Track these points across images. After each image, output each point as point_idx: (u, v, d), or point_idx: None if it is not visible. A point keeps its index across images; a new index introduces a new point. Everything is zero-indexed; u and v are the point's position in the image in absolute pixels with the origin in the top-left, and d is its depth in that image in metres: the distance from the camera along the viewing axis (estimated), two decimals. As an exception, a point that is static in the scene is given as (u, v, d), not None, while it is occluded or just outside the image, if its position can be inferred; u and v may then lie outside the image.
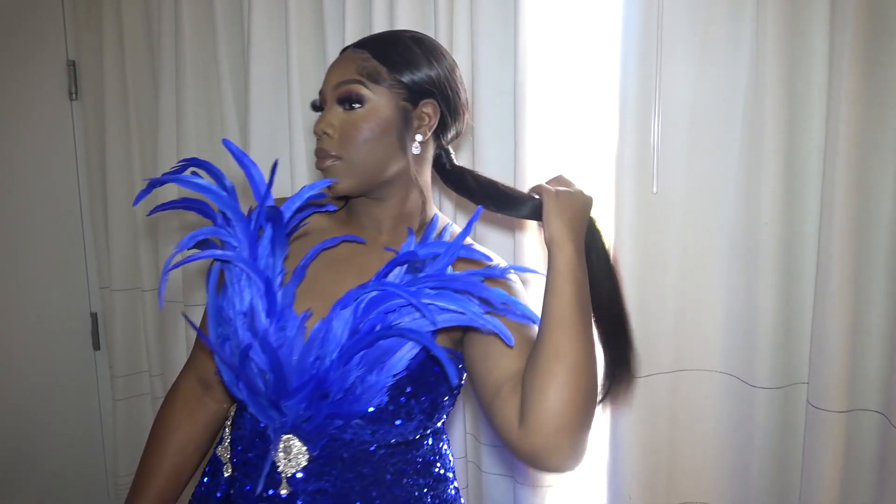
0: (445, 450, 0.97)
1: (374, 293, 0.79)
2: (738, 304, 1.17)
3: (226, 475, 0.92)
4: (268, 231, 0.85)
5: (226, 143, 0.86)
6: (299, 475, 0.85)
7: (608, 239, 0.92)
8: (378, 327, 0.78)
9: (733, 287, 1.18)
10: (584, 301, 0.82)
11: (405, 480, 0.89)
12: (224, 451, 0.94)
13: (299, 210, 0.87)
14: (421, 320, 0.78)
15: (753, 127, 1.12)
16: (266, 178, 0.87)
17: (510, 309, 0.79)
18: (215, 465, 0.96)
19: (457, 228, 0.96)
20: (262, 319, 0.82)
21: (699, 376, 1.22)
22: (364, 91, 0.85)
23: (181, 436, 0.98)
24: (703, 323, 1.21)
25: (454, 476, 0.97)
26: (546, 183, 0.92)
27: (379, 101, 0.86)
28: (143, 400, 1.88)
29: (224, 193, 0.85)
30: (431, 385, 0.84)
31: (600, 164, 1.23)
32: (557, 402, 0.76)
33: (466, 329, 0.83)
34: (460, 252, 0.82)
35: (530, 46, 1.20)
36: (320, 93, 0.88)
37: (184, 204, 0.86)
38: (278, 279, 0.84)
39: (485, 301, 0.78)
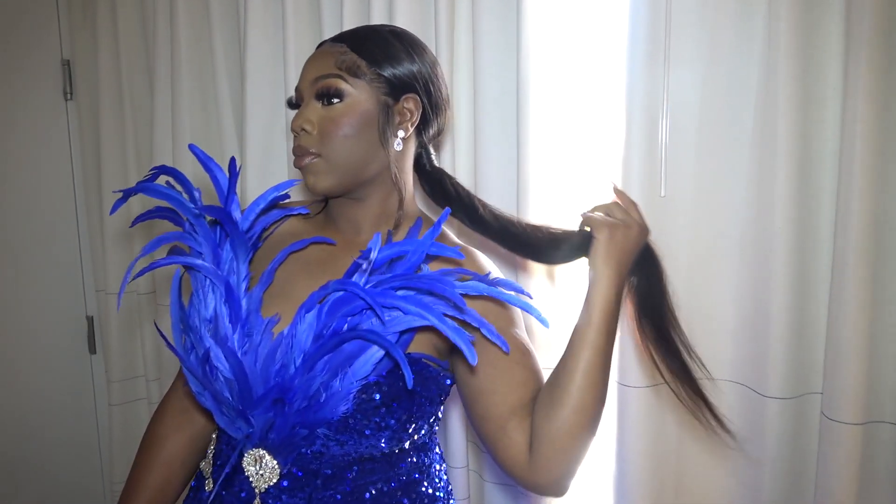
0: (435, 468, 0.92)
1: (337, 294, 0.76)
2: (748, 311, 1.13)
3: (207, 490, 0.89)
4: (229, 235, 0.84)
5: (192, 147, 0.85)
6: (272, 491, 0.81)
7: (663, 266, 0.89)
8: (342, 330, 0.75)
9: (744, 293, 1.14)
10: (612, 348, 0.82)
11: (386, 501, 0.84)
12: (207, 466, 0.91)
13: (264, 212, 0.86)
14: (390, 321, 0.75)
15: (765, 128, 1.07)
16: (228, 179, 0.86)
17: (486, 325, 0.74)
18: (199, 479, 0.93)
19: (448, 232, 0.93)
20: (226, 325, 0.79)
21: (706, 385, 1.18)
22: (343, 85, 0.82)
23: (168, 450, 0.96)
24: (713, 331, 1.17)
25: (448, 496, 0.93)
26: (599, 210, 0.85)
27: (359, 95, 0.83)
28: (139, 405, 1.85)
29: (186, 200, 0.84)
30: (406, 394, 0.80)
31: (606, 167, 1.19)
32: (571, 451, 0.79)
33: (457, 350, 0.77)
34: (441, 252, 0.77)
35: (534, 45, 1.16)
36: (297, 89, 0.86)
37: (158, 213, 0.86)
38: (243, 284, 0.82)
39: (457, 307, 0.74)
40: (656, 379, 1.16)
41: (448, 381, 0.86)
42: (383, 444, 0.83)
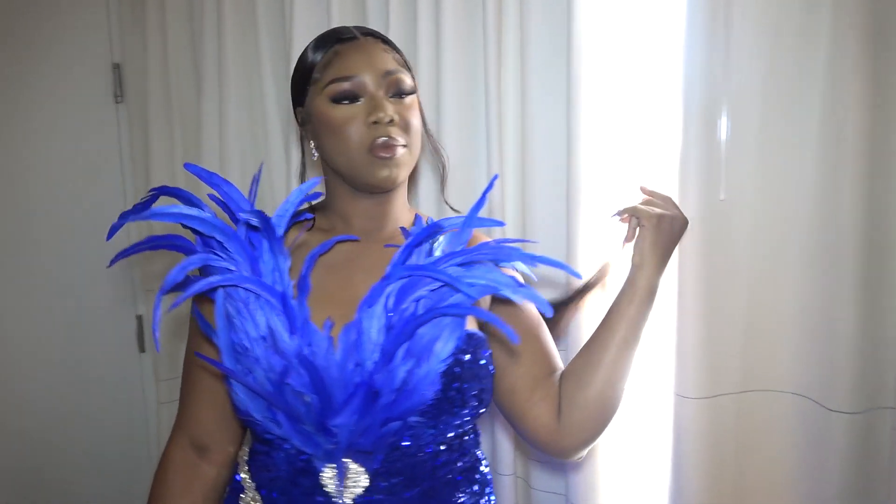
0: (481, 453, 0.94)
1: (401, 282, 0.77)
2: (814, 320, 1.07)
3: None
4: (264, 244, 0.80)
5: (188, 166, 0.81)
6: (358, 501, 0.78)
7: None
8: (414, 316, 0.76)
9: (810, 301, 1.07)
10: (643, 329, 0.91)
11: (458, 492, 0.86)
12: (254, 500, 0.85)
13: (294, 216, 0.84)
14: (455, 297, 0.76)
15: (833, 125, 1.01)
16: (245, 191, 0.84)
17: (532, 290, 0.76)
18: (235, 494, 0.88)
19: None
20: (286, 339, 0.76)
21: (769, 398, 1.12)
22: (411, 81, 0.87)
23: None
24: (775, 340, 1.11)
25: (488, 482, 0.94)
26: (642, 203, 0.93)
27: (416, 91, 0.88)
28: (186, 403, 1.88)
29: (209, 217, 0.79)
30: (475, 371, 0.83)
31: (662, 168, 1.13)
32: (600, 418, 0.90)
33: (487, 325, 0.82)
34: (483, 224, 0.84)
35: (585, 40, 1.11)
36: (354, 81, 0.83)
37: (151, 243, 0.79)
38: (284, 288, 0.79)
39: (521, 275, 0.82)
40: (715, 390, 1.11)
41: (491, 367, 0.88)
42: (467, 422, 0.85)
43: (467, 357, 0.81)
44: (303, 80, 0.89)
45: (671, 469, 1.15)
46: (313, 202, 0.94)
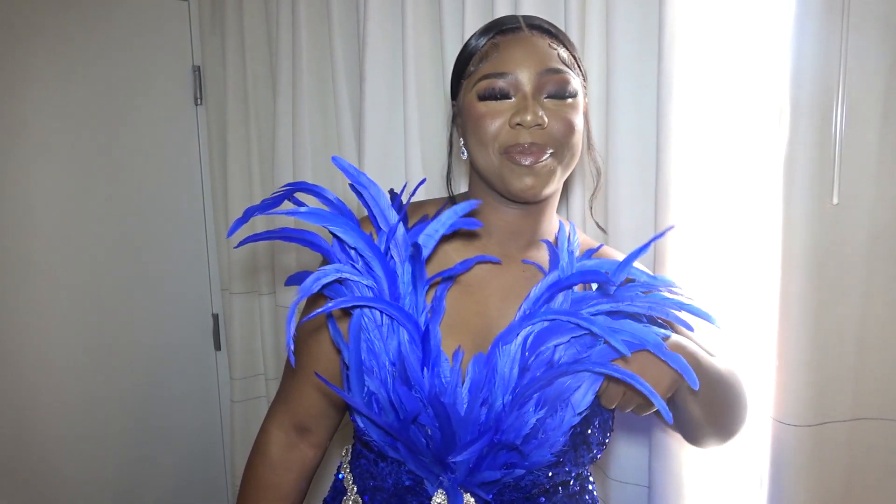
0: (596, 494, 0.90)
1: (543, 324, 0.71)
2: (941, 341, 0.94)
3: None
4: (406, 266, 0.74)
5: (336, 160, 0.75)
6: None
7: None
8: (553, 363, 0.70)
9: (936, 320, 0.95)
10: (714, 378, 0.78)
11: None
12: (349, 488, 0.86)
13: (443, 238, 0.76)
14: (598, 349, 0.70)
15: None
16: (391, 198, 0.77)
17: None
18: (337, 492, 0.89)
19: (581, 234, 0.88)
20: (417, 370, 0.72)
21: (884, 427, 1.00)
22: (575, 82, 0.78)
23: (282, 493, 0.90)
24: (892, 361, 0.98)
25: None
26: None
27: (580, 94, 0.79)
28: (259, 402, 1.89)
29: (354, 227, 0.74)
30: (602, 413, 0.79)
31: (765, 169, 1.03)
32: (723, 440, 0.86)
33: None
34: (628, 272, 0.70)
35: (679, 31, 1.02)
36: (506, 77, 0.76)
37: (283, 234, 0.75)
38: (424, 320, 0.73)
39: (668, 324, 0.74)
40: (821, 417, 0.99)
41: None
42: (585, 465, 0.80)
43: (595, 405, 0.76)
44: (458, 72, 0.83)
45: (767, 502, 1.04)
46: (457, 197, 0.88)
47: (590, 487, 0.87)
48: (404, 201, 0.79)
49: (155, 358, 1.78)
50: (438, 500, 0.76)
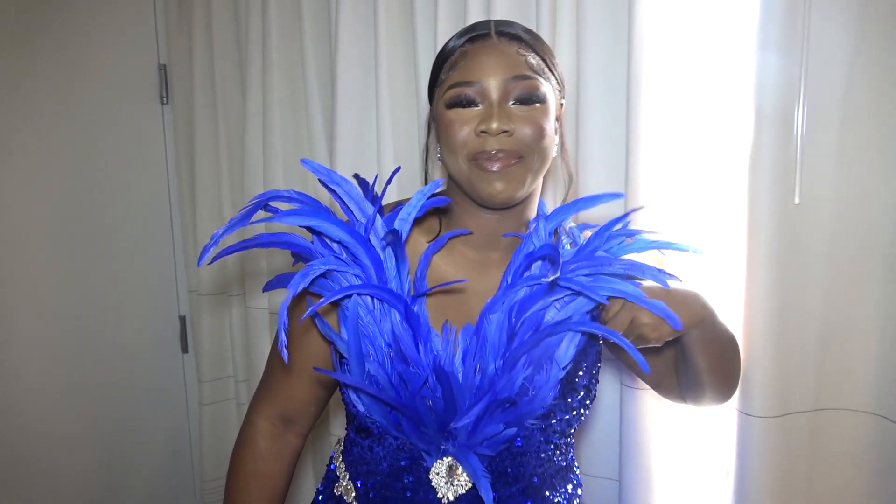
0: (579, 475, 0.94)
1: (525, 291, 0.77)
2: (895, 334, 0.99)
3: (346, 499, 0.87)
4: (388, 251, 0.79)
5: (305, 162, 0.78)
6: (463, 498, 0.80)
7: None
8: (540, 326, 0.77)
9: (892, 314, 0.99)
10: (719, 329, 0.86)
11: (554, 491, 0.87)
12: (347, 491, 0.88)
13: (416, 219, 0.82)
14: (575, 306, 0.77)
15: (922, 124, 0.93)
16: (362, 188, 0.81)
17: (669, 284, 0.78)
18: (328, 481, 0.92)
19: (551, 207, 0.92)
20: (412, 347, 0.77)
21: (844, 417, 1.04)
22: (544, 87, 0.79)
23: (272, 482, 0.92)
24: (852, 355, 1.02)
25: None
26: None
27: (551, 98, 0.80)
28: (228, 405, 1.87)
29: (337, 221, 0.78)
30: (582, 365, 0.84)
31: (731, 170, 1.06)
32: (724, 397, 0.92)
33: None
34: (589, 205, 0.80)
35: (647, 37, 1.05)
36: (472, 86, 0.78)
37: (261, 241, 0.79)
38: (410, 298, 0.79)
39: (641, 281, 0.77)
40: (785, 409, 1.03)
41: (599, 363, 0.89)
42: (576, 420, 0.85)
43: (578, 360, 0.82)
44: (432, 80, 0.85)
45: (734, 492, 1.08)
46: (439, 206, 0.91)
47: (574, 466, 0.92)
48: (378, 192, 0.82)
49: (121, 361, 1.75)
50: (441, 469, 0.81)
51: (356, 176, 0.82)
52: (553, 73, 0.82)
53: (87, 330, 1.67)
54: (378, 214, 0.79)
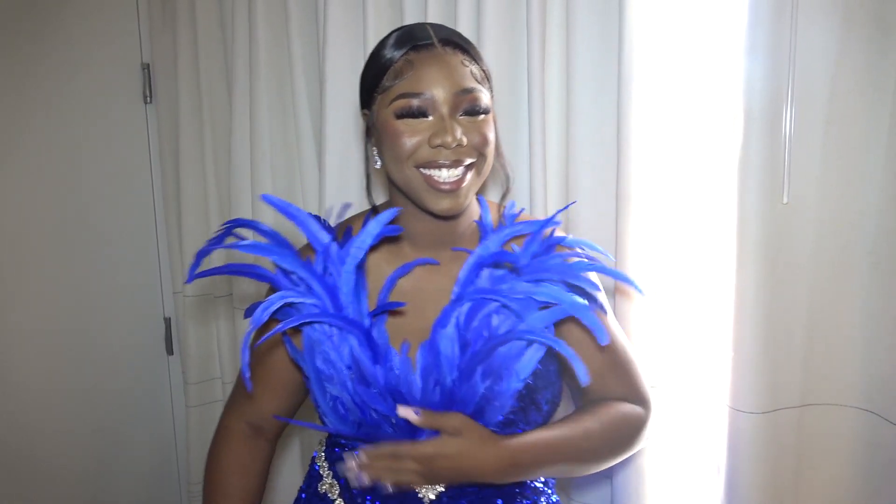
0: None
1: (469, 304, 0.79)
2: (880, 330, 1.01)
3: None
4: (344, 277, 0.81)
5: (265, 198, 0.80)
6: (443, 498, 0.83)
7: None
8: (486, 334, 0.78)
9: (875, 311, 1.01)
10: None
11: (525, 486, 0.89)
12: (331, 488, 0.90)
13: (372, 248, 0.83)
14: (532, 316, 0.78)
15: (905, 125, 0.95)
16: (322, 222, 0.85)
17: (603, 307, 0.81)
18: (312, 479, 0.94)
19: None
20: (371, 368, 0.79)
21: (831, 412, 1.06)
22: (487, 98, 0.82)
23: (251, 475, 0.96)
24: (838, 351, 1.05)
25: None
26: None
27: (492, 107, 0.83)
28: (215, 407, 1.85)
29: (290, 254, 0.81)
30: (548, 378, 0.84)
31: (720, 170, 1.07)
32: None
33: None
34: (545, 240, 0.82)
35: (637, 35, 1.06)
36: (423, 98, 0.79)
37: (230, 270, 0.83)
38: (368, 322, 0.81)
39: (579, 289, 0.79)
40: (774, 404, 1.05)
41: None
42: (540, 424, 0.85)
43: (541, 367, 0.82)
44: (372, 84, 0.84)
45: (724, 488, 1.10)
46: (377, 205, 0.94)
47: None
48: (332, 223, 0.87)
49: (106, 363, 1.73)
50: None
51: (316, 217, 0.85)
52: (488, 80, 0.85)
53: (71, 332, 1.65)
54: (334, 243, 0.81)
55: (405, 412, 0.77)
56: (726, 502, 1.09)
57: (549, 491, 0.94)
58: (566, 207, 0.86)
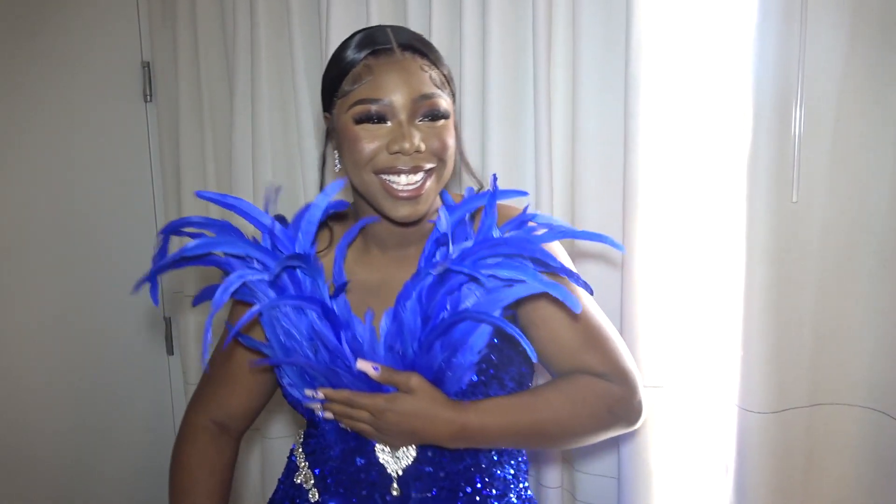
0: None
1: (430, 279, 0.79)
2: (889, 329, 1.01)
3: (313, 501, 0.90)
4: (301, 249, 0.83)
5: (199, 194, 0.82)
6: (410, 471, 0.84)
7: None
8: (446, 312, 0.79)
9: (884, 310, 1.01)
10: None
11: (496, 469, 0.89)
12: (307, 479, 0.91)
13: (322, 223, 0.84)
14: (488, 295, 0.78)
15: (914, 123, 0.94)
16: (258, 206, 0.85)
17: (571, 273, 0.79)
18: (293, 497, 0.93)
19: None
20: (333, 339, 0.81)
21: (840, 412, 1.06)
22: (446, 103, 0.82)
23: (219, 470, 0.95)
24: (847, 350, 1.04)
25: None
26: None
27: (451, 111, 0.83)
28: (215, 408, 1.84)
29: (237, 239, 0.83)
30: (512, 357, 0.85)
31: (730, 169, 1.07)
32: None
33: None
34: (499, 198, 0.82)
35: (645, 36, 1.05)
36: (382, 104, 0.79)
37: (181, 260, 0.84)
38: (326, 295, 0.82)
39: (541, 262, 0.78)
40: (783, 404, 1.04)
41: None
42: None
43: (503, 344, 0.84)
44: (332, 88, 0.84)
45: (733, 488, 1.09)
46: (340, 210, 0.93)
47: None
48: (265, 209, 0.86)
49: (105, 363, 1.71)
50: (381, 447, 0.85)
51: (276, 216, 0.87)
52: (449, 84, 0.85)
53: (71, 332, 1.63)
54: (277, 221, 0.83)
55: (364, 365, 0.79)
56: (735, 502, 1.09)
57: (522, 484, 0.93)
58: (521, 193, 0.87)
